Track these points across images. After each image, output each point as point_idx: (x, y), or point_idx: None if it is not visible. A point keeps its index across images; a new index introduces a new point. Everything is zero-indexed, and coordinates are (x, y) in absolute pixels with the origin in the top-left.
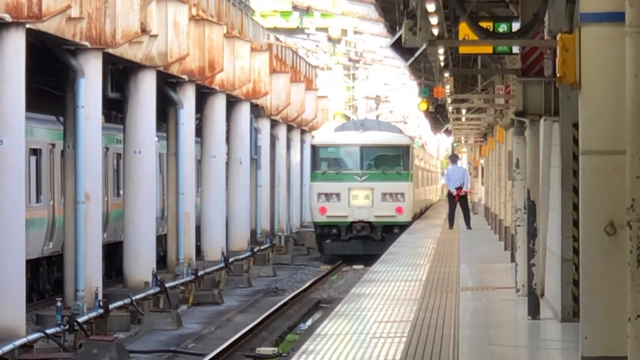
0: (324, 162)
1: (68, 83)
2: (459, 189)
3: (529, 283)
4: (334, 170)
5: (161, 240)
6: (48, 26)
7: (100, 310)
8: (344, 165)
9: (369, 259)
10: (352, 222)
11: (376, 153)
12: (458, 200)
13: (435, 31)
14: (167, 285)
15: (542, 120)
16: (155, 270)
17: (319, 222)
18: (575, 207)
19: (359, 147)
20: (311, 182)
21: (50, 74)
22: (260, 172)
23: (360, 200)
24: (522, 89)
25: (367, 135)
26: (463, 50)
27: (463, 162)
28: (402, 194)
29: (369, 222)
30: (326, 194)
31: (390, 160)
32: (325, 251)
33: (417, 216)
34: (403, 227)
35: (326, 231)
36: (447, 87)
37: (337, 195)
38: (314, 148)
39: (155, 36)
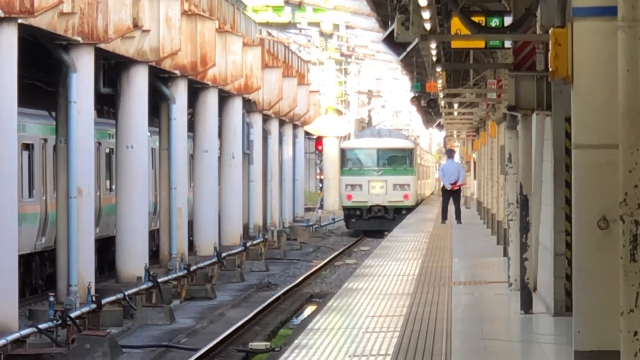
0: (349, 161)
1: (60, 78)
2: (454, 183)
3: (522, 277)
4: (357, 167)
5: (154, 235)
6: (40, 21)
7: (93, 305)
8: (365, 163)
9: (383, 233)
10: (371, 206)
11: (389, 154)
12: (453, 192)
13: (428, 26)
14: (159, 280)
15: (534, 115)
16: (147, 265)
17: (346, 206)
18: (568, 202)
19: (376, 150)
20: (340, 176)
21: (42, 69)
22: (253, 167)
23: (377, 189)
24: (515, 83)
25: (382, 141)
26: (455, 44)
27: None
28: (408, 185)
29: (384, 206)
30: (352, 185)
31: (400, 160)
32: (351, 227)
33: (419, 202)
34: (409, 209)
35: (352, 212)
36: (439, 81)
37: (360, 185)
38: (343, 150)
39: (148, 31)
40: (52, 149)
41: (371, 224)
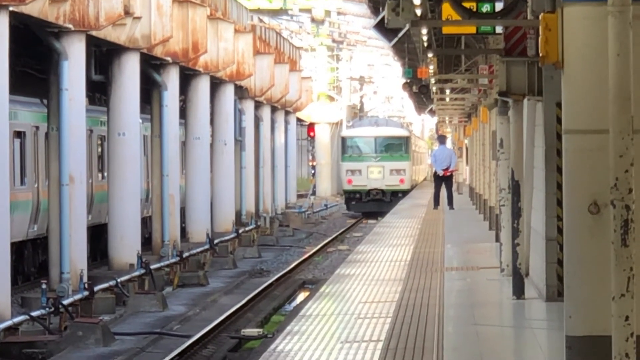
0: (350, 148)
1: (52, 66)
2: (446, 169)
3: (514, 263)
4: (357, 154)
5: (146, 222)
6: (31, 9)
7: (85, 293)
8: (364, 150)
9: (380, 214)
10: (369, 189)
11: (386, 142)
12: (446, 178)
13: (418, 11)
14: (152, 267)
15: (525, 100)
16: (140, 252)
17: (347, 189)
18: (559, 187)
19: (374, 138)
20: (341, 162)
21: (33, 56)
22: (245, 154)
23: (375, 174)
24: (506, 68)
25: (379, 129)
26: (446, 30)
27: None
28: (404, 170)
29: (381, 189)
30: (352, 170)
31: (396, 147)
32: (351, 209)
33: (414, 186)
34: (405, 192)
35: (352, 195)
36: (431, 67)
37: (359, 171)
38: (344, 138)
39: (139, 18)
40: (43, 136)
41: (370, 206)
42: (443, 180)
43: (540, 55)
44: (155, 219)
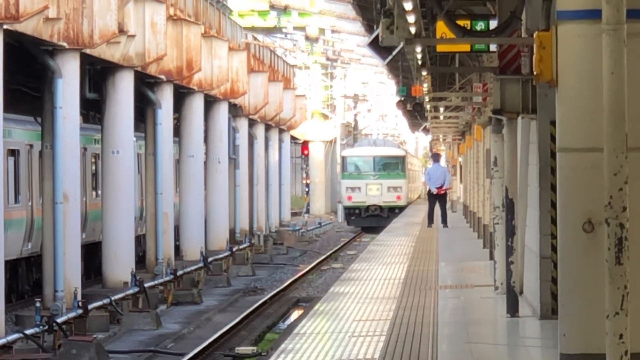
0: (350, 167)
1: (46, 84)
2: (440, 187)
3: (508, 281)
4: (357, 172)
5: (140, 240)
6: (25, 27)
7: (80, 311)
8: (363, 168)
9: (379, 229)
10: (368, 205)
11: (384, 161)
12: (439, 195)
13: (413, 29)
14: (146, 285)
15: (519, 118)
16: (134, 270)
17: (347, 205)
18: (553, 205)
19: (372, 157)
20: (341, 180)
21: (28, 74)
22: (239, 172)
23: (374, 191)
24: (500, 87)
25: (378, 149)
26: (440, 48)
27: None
28: (401, 187)
29: (379, 205)
30: (352, 187)
31: (393, 165)
32: (351, 224)
33: (410, 202)
34: (401, 208)
35: (352, 211)
36: (425, 85)
37: (359, 188)
38: (344, 158)
39: (133, 36)
40: (37, 154)
41: (369, 221)
42: (437, 198)
43: (535, 73)
44: (149, 237)
